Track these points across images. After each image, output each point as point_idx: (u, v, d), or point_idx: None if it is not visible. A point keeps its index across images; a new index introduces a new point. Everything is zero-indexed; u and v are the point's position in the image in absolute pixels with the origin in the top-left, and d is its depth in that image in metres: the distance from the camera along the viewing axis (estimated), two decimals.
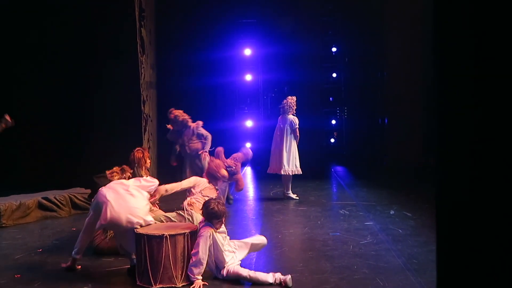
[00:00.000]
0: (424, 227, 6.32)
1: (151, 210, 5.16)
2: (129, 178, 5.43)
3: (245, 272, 4.43)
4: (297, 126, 8.37)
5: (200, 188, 5.57)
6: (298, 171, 8.40)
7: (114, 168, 5.73)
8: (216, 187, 5.62)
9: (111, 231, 5.52)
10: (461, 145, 1.78)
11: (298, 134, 8.37)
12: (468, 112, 1.75)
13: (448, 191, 1.84)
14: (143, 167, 6.12)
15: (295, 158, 8.39)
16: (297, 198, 8.50)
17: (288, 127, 8.39)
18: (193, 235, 4.58)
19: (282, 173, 8.38)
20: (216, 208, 4.47)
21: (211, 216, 4.50)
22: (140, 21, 9.36)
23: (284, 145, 8.37)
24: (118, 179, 5.56)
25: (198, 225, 4.70)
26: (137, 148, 6.29)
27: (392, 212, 7.25)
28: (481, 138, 1.71)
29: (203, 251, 4.39)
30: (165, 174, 10.39)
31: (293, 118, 8.41)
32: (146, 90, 9.66)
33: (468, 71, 1.75)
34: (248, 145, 13.56)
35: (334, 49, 14.31)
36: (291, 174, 8.38)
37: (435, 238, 1.96)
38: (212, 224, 4.51)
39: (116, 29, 9.14)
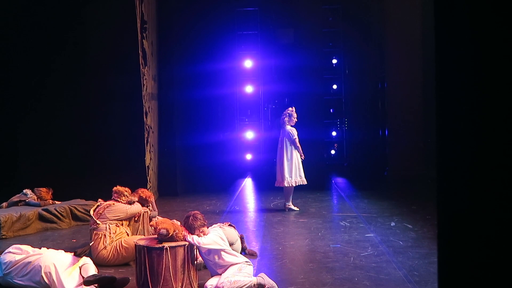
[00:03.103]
0: (425, 239, 6.30)
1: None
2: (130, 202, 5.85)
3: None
4: (295, 136, 8.39)
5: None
6: (303, 181, 8.40)
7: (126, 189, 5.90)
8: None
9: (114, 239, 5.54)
10: (464, 154, 1.78)
11: (298, 145, 8.39)
12: (470, 121, 1.76)
13: (450, 202, 1.85)
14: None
15: (298, 168, 8.39)
16: (298, 209, 8.49)
17: (286, 139, 8.43)
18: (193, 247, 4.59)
19: (286, 185, 8.37)
20: (190, 221, 4.71)
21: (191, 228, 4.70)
22: (142, 33, 9.42)
23: (285, 157, 8.39)
24: (125, 200, 5.77)
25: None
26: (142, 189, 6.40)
27: (393, 223, 7.23)
28: (484, 147, 1.72)
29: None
30: (165, 185, 10.43)
31: (290, 130, 8.43)
32: (148, 102, 9.70)
33: (470, 79, 1.76)
34: (249, 156, 13.58)
35: (334, 61, 14.38)
36: (294, 185, 8.38)
37: (436, 250, 1.96)
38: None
39: (118, 41, 9.21)
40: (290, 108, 8.67)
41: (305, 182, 8.44)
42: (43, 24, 9.23)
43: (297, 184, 8.40)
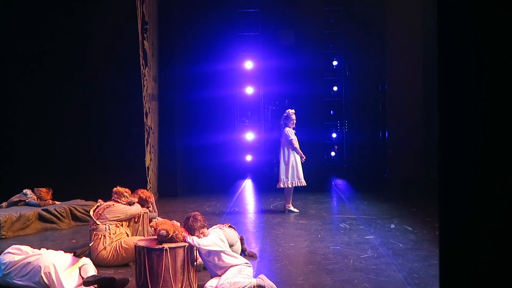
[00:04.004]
0: (425, 241, 6.30)
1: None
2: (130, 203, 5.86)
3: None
4: (292, 138, 8.36)
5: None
6: (301, 182, 8.36)
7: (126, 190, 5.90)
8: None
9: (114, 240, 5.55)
10: (466, 156, 1.78)
11: (296, 146, 8.36)
12: (473, 123, 1.76)
13: (451, 205, 1.84)
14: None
15: (296, 170, 8.36)
16: (298, 211, 8.48)
17: (284, 141, 8.42)
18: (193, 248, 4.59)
19: (282, 186, 8.37)
20: (190, 222, 4.70)
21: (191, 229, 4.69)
22: (142, 34, 9.43)
23: (281, 158, 8.40)
24: (125, 201, 5.77)
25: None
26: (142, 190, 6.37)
27: (392, 226, 7.23)
28: (487, 149, 1.72)
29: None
30: (165, 186, 10.43)
31: (287, 131, 8.42)
32: (148, 102, 9.70)
33: (473, 81, 1.76)
34: (249, 157, 13.58)
35: (335, 63, 14.38)
36: (290, 186, 8.37)
37: (436, 252, 1.96)
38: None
39: (119, 42, 9.21)
40: (288, 110, 8.66)
41: (304, 184, 8.40)
42: (43, 25, 9.23)
43: (294, 186, 8.37)
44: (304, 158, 8.44)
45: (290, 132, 8.41)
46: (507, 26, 1.65)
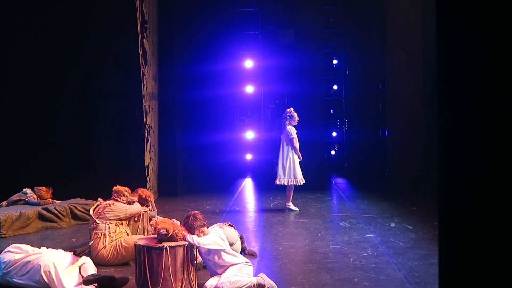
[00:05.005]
0: (425, 240, 6.30)
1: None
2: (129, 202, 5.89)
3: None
4: (293, 136, 8.35)
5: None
6: (297, 181, 8.35)
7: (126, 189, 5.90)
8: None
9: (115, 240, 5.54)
10: (465, 155, 1.78)
11: (295, 145, 8.34)
12: (472, 121, 1.75)
13: (451, 203, 1.84)
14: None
15: (293, 168, 8.34)
16: (298, 210, 8.48)
17: (284, 138, 8.41)
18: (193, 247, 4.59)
19: (277, 182, 8.38)
20: (190, 221, 4.71)
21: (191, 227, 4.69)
22: (142, 33, 9.42)
23: (280, 155, 8.41)
24: (125, 200, 5.78)
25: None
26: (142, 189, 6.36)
27: (393, 224, 7.23)
28: (486, 147, 1.71)
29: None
30: (165, 184, 10.44)
31: (289, 129, 8.41)
32: (148, 101, 9.70)
33: (472, 79, 1.76)
34: (249, 156, 13.58)
35: (335, 62, 14.37)
36: (286, 184, 8.37)
37: (436, 251, 1.96)
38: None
39: (119, 41, 9.21)
40: (288, 109, 8.64)
41: (300, 183, 8.37)
42: (43, 23, 9.23)
43: (290, 184, 8.37)
44: (301, 158, 8.42)
45: (293, 130, 8.40)
46: (507, 25, 1.64)
